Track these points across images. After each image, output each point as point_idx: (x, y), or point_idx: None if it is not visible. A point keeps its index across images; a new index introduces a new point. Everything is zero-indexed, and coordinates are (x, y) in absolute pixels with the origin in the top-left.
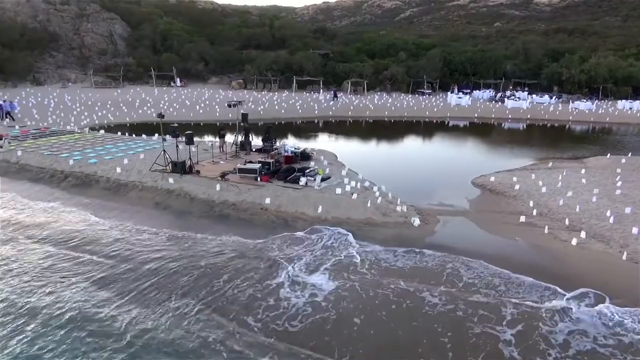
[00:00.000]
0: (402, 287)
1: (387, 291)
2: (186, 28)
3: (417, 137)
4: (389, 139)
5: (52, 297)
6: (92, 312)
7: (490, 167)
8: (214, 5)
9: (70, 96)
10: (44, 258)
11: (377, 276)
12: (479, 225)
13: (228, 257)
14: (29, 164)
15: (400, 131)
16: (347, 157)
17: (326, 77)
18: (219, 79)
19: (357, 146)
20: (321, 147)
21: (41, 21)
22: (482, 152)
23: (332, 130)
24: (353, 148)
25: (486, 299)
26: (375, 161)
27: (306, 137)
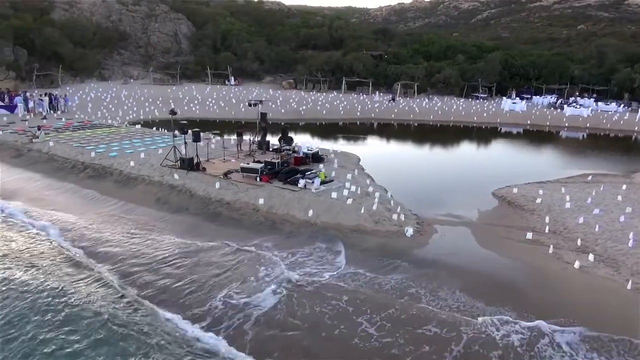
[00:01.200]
0: (342, 307)
1: (324, 310)
2: (247, 28)
3: (455, 142)
4: (424, 143)
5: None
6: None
7: (522, 177)
8: (281, 6)
9: (127, 92)
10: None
11: (325, 291)
12: (478, 240)
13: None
14: (57, 154)
15: (440, 136)
16: (371, 160)
17: (377, 78)
18: (272, 79)
19: (387, 150)
20: (347, 149)
21: (114, 21)
22: (520, 161)
23: (369, 133)
24: (381, 151)
25: (431, 333)
26: (399, 166)
27: (338, 139)
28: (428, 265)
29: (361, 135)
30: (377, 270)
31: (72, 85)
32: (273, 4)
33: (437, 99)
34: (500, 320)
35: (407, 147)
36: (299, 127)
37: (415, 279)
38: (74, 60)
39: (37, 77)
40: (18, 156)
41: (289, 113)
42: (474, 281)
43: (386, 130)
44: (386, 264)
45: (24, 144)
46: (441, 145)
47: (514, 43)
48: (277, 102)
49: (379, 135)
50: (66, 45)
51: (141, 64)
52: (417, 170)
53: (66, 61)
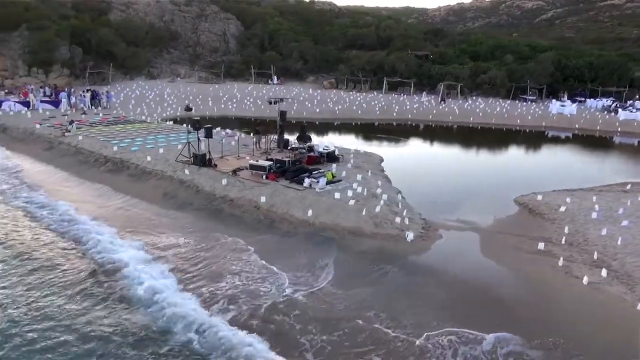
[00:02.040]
0: (289, 324)
1: (269, 327)
2: (294, 28)
3: (490, 145)
4: (457, 146)
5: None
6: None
7: (554, 184)
8: (332, 6)
9: (171, 89)
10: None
11: (283, 306)
12: (482, 248)
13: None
14: (84, 147)
15: (477, 139)
16: (395, 161)
17: (420, 78)
18: (315, 78)
19: (414, 151)
20: (373, 149)
21: (166, 21)
22: (557, 167)
23: (402, 134)
24: (408, 153)
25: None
26: (423, 168)
27: (369, 138)
28: (419, 272)
29: (393, 136)
30: (361, 277)
31: (121, 82)
32: (324, 4)
33: (481, 100)
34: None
35: (437, 149)
36: (333, 127)
37: (396, 291)
38: (125, 58)
39: (90, 74)
40: (49, 149)
41: (324, 112)
42: (460, 293)
43: (421, 131)
44: (375, 269)
45: (56, 137)
46: (475, 147)
47: (578, 43)
48: (314, 102)
49: (411, 136)
50: (119, 44)
51: (189, 62)
52: (441, 173)
53: (118, 59)
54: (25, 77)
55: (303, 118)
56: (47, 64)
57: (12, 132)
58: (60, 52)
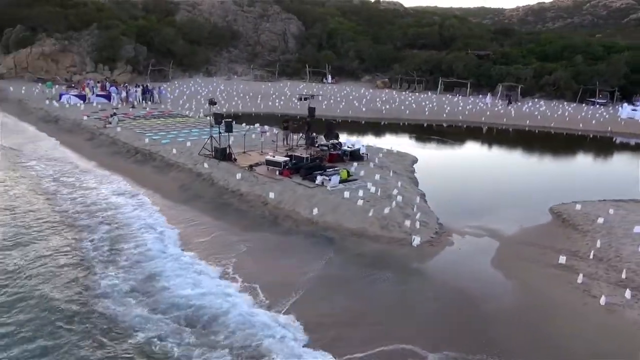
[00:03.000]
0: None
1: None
2: (354, 27)
3: (542, 150)
4: (504, 149)
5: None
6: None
7: (602, 194)
8: (397, 6)
9: (224, 87)
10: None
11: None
12: (495, 258)
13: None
14: (119, 139)
15: (529, 143)
16: (429, 162)
17: (479, 79)
18: (370, 78)
19: (453, 153)
20: (411, 150)
21: (229, 21)
22: (613, 175)
23: (447, 135)
24: (446, 154)
25: None
26: (458, 170)
27: (409, 139)
28: (411, 281)
29: (437, 137)
30: (344, 284)
31: (180, 79)
32: (389, 3)
33: (542, 103)
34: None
35: (481, 151)
36: (379, 126)
37: (373, 301)
38: (185, 56)
39: (152, 71)
40: (91, 139)
41: (369, 112)
42: (447, 307)
43: (469, 133)
44: (365, 275)
45: (98, 129)
46: (524, 152)
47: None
48: (363, 101)
49: (457, 138)
50: (179, 43)
51: (247, 61)
52: (478, 177)
53: (178, 57)
54: (92, 73)
55: (349, 117)
56: (112, 61)
57: (63, 123)
58: (126, 50)
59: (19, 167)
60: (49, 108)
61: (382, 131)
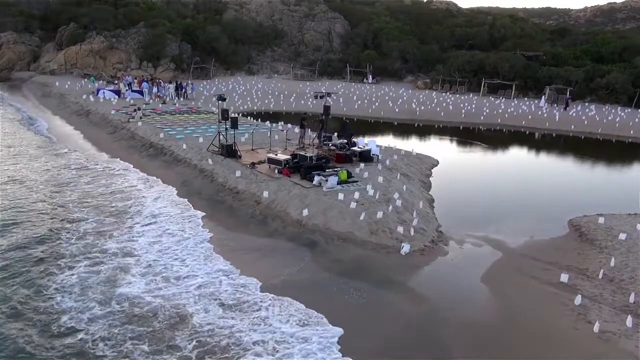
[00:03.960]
0: None
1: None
2: (401, 27)
3: (580, 158)
4: (538, 155)
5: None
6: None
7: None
8: (450, 6)
9: (262, 85)
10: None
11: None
12: (488, 272)
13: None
14: (138, 133)
15: (569, 150)
16: (450, 166)
17: (525, 81)
18: (413, 78)
19: (481, 157)
20: (435, 152)
21: (275, 20)
22: None
23: (481, 138)
24: (472, 158)
25: None
26: (480, 176)
27: (438, 141)
28: (383, 294)
29: (469, 140)
30: (309, 293)
31: (222, 77)
32: (441, 3)
33: (593, 107)
34: None
35: (511, 156)
36: (412, 128)
37: (331, 315)
38: (228, 55)
39: (195, 69)
40: (113, 132)
41: (403, 113)
42: (408, 328)
43: (506, 137)
44: (337, 283)
45: (122, 123)
46: (560, 159)
47: None
48: (398, 102)
49: (490, 141)
50: (223, 41)
51: (289, 60)
52: (500, 183)
53: (222, 56)
54: (136, 70)
55: (381, 118)
56: (156, 58)
57: (93, 117)
58: (171, 48)
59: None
60: (84, 102)
61: (412, 132)
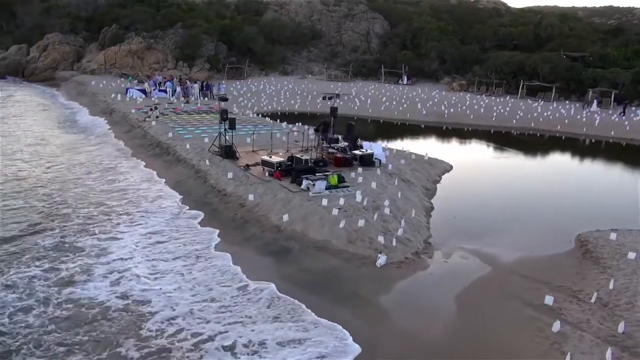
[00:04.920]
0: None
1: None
2: (443, 27)
3: (613, 167)
4: (565, 162)
5: None
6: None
7: None
8: (497, 5)
9: (293, 85)
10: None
11: None
12: (465, 290)
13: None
14: (149, 132)
15: (603, 157)
16: (464, 173)
17: (568, 83)
18: (450, 80)
19: (500, 164)
20: (449, 156)
21: (313, 20)
22: None
23: (509, 144)
24: (490, 165)
25: None
26: (493, 183)
27: (460, 145)
28: (335, 310)
29: (494, 144)
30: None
31: (257, 77)
32: (489, 2)
33: None
34: None
35: (535, 163)
36: (440, 131)
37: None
38: (264, 55)
39: (230, 69)
40: (128, 131)
41: (430, 115)
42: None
43: (536, 142)
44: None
45: (139, 122)
46: (590, 167)
47: None
48: (428, 104)
49: (518, 147)
50: (259, 42)
51: (325, 61)
52: (514, 191)
53: (257, 56)
54: (172, 70)
55: (407, 120)
56: (192, 58)
57: (115, 116)
58: (207, 48)
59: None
60: (110, 101)
61: (436, 135)
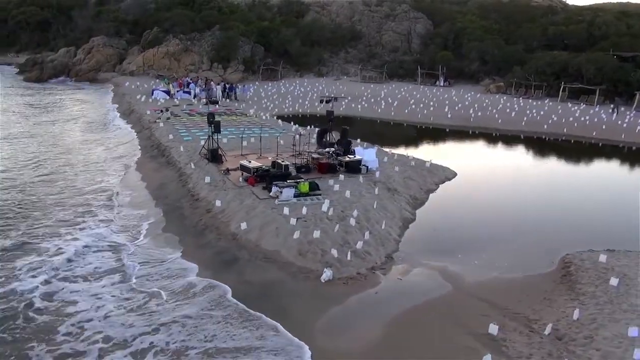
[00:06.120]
0: None
1: None
2: (489, 26)
3: None
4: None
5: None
6: None
7: None
8: (553, 3)
9: (324, 87)
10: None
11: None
12: (405, 313)
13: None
14: (154, 134)
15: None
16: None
17: (615, 85)
18: (491, 81)
19: (513, 173)
20: (453, 163)
21: (354, 21)
22: None
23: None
24: (501, 174)
25: None
26: (495, 194)
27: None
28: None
29: (519, 151)
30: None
31: (292, 79)
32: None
33: None
34: None
35: (552, 171)
36: (466, 135)
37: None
38: (300, 56)
39: (265, 70)
40: (139, 132)
41: (455, 119)
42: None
43: (565, 148)
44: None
45: (150, 123)
46: (614, 177)
47: None
48: (456, 107)
49: (547, 154)
50: (295, 43)
51: (362, 62)
52: (512, 202)
53: (294, 57)
54: (206, 71)
55: (430, 124)
56: (227, 60)
57: (132, 117)
58: (244, 50)
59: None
60: (134, 102)
61: (455, 140)
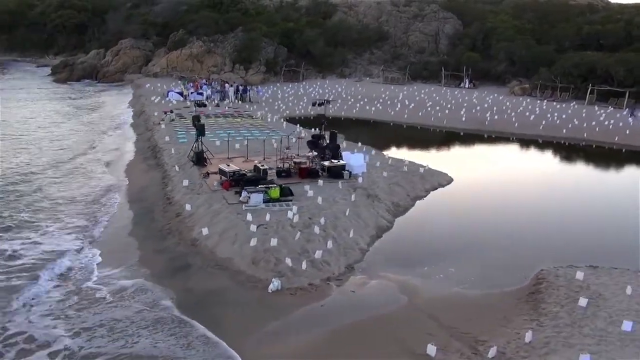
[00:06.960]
0: None
1: None
2: (521, 26)
3: None
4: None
5: None
6: None
7: None
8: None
9: (343, 89)
10: None
11: None
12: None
13: None
14: (153, 136)
15: None
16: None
17: None
18: (519, 82)
19: (511, 179)
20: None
21: (381, 22)
22: None
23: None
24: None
25: None
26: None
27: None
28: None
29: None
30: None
31: (314, 80)
32: None
33: None
34: None
35: (559, 178)
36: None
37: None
38: (323, 57)
39: (287, 71)
40: (142, 133)
41: (470, 122)
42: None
43: (582, 154)
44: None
45: (153, 125)
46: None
47: None
48: (472, 110)
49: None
50: (319, 44)
51: (386, 62)
52: (504, 212)
53: (316, 59)
54: (229, 73)
55: (443, 127)
56: (249, 61)
57: (142, 117)
58: (266, 51)
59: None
60: (147, 103)
61: (466, 144)
